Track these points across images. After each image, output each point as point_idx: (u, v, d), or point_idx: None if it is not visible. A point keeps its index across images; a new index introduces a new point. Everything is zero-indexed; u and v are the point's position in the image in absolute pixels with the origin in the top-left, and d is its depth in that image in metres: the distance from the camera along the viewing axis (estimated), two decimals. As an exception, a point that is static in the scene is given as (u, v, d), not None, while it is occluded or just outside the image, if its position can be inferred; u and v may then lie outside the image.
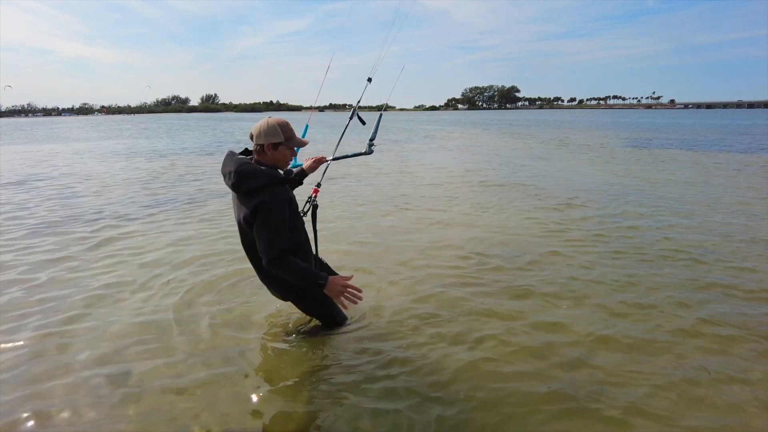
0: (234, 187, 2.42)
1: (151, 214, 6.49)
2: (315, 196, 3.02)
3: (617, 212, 6.28)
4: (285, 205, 2.44)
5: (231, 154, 2.55)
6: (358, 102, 3.38)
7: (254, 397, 2.39)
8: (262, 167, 2.44)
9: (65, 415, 2.29)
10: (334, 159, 3.18)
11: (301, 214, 2.81)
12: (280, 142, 2.46)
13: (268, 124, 2.47)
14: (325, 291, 2.41)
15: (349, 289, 2.41)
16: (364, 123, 3.42)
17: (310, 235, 2.88)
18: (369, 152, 3.25)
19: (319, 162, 3.04)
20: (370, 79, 3.44)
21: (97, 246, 5.00)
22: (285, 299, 2.81)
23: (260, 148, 2.49)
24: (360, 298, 2.43)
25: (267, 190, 2.38)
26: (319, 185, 3.10)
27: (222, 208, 6.82)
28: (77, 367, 2.68)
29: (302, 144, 2.59)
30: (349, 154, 3.33)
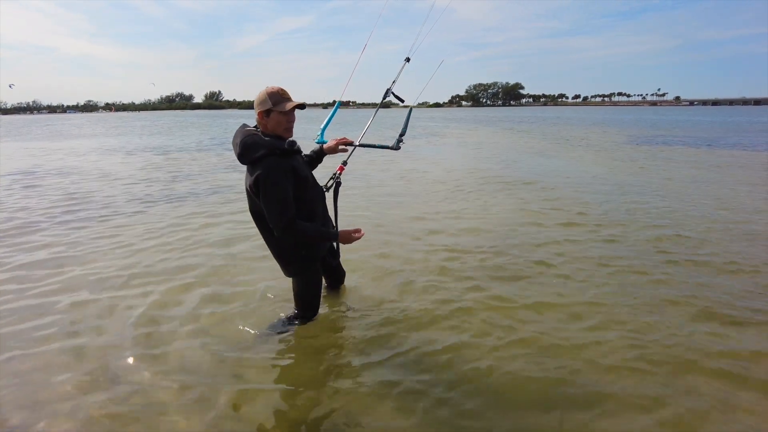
0: (239, 158, 2.53)
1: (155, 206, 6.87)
2: (339, 174, 3.01)
3: (608, 203, 6.60)
4: (284, 174, 2.50)
5: (242, 126, 2.66)
6: (394, 82, 3.29)
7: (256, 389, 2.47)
8: (266, 138, 2.53)
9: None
10: (360, 144, 3.10)
11: (324, 190, 2.94)
12: (269, 109, 2.53)
13: (260, 93, 2.56)
14: (340, 241, 2.77)
15: (355, 235, 2.77)
16: (402, 101, 3.34)
17: (331, 213, 3.00)
18: (396, 147, 3.09)
19: (339, 143, 2.98)
20: (408, 59, 3.32)
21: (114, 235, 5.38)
22: (288, 275, 2.92)
23: (258, 117, 2.59)
24: (361, 235, 2.80)
25: (267, 160, 2.47)
26: (345, 163, 3.08)
27: (222, 202, 7.19)
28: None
29: (292, 106, 2.55)
30: (377, 144, 3.21)
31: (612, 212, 6.17)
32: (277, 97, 2.54)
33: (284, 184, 2.49)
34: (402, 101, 3.34)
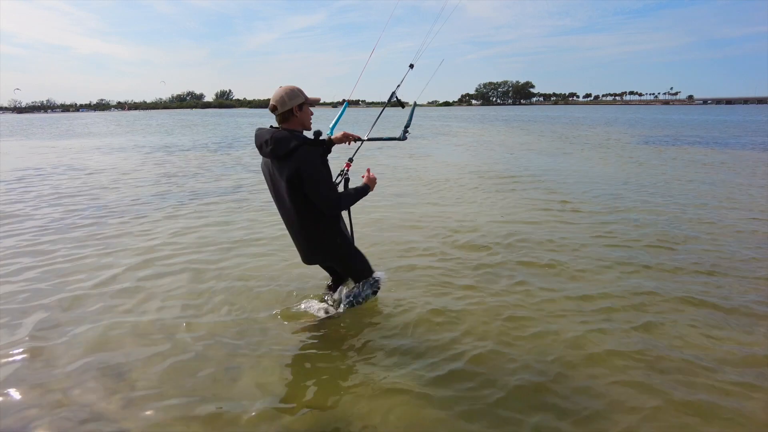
0: (273, 152, 2.65)
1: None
2: (347, 170, 3.16)
3: (603, 199, 6.72)
4: (320, 159, 2.72)
5: (261, 128, 2.80)
6: (398, 86, 3.44)
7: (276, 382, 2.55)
8: (295, 132, 2.71)
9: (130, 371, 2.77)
10: (369, 139, 3.24)
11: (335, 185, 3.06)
12: (303, 102, 2.74)
13: (287, 90, 2.71)
14: (371, 188, 2.97)
15: (371, 176, 3.01)
16: (403, 106, 3.48)
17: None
18: (403, 138, 3.26)
19: (346, 136, 3.06)
20: (411, 66, 3.43)
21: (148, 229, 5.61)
22: (322, 261, 3.09)
23: (288, 114, 2.72)
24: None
25: (302, 149, 2.64)
26: (351, 160, 3.22)
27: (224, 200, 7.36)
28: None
29: (316, 101, 2.84)
30: (385, 137, 3.34)
31: (622, 211, 6.30)
32: (304, 92, 2.77)
33: (324, 167, 2.75)
34: (403, 107, 3.49)
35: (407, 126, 3.29)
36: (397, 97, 3.44)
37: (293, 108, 2.71)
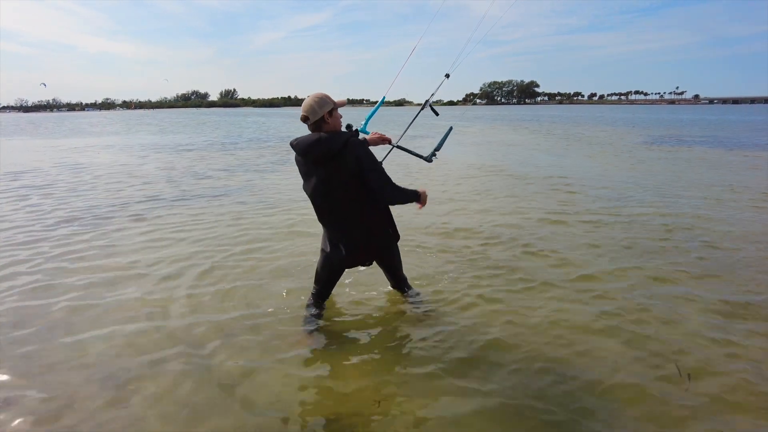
0: (327, 152, 2.68)
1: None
2: None
3: (604, 194, 6.70)
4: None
5: (299, 137, 2.80)
6: (432, 95, 3.48)
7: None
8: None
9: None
10: (398, 146, 3.25)
11: None
12: (333, 108, 2.76)
13: (316, 99, 2.72)
14: (421, 198, 2.95)
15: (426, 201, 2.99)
16: (437, 114, 3.62)
17: None
18: (429, 160, 3.29)
19: (381, 139, 3.16)
20: (447, 75, 3.51)
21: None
22: (369, 255, 3.05)
23: (320, 122, 2.73)
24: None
25: (353, 140, 2.73)
26: (383, 159, 3.18)
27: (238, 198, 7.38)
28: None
29: (343, 104, 2.85)
30: (413, 151, 3.32)
31: (633, 211, 6.25)
32: (331, 98, 2.79)
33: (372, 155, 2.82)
34: (437, 114, 3.62)
35: (437, 149, 3.29)
36: (431, 106, 3.50)
37: (324, 115, 2.73)
